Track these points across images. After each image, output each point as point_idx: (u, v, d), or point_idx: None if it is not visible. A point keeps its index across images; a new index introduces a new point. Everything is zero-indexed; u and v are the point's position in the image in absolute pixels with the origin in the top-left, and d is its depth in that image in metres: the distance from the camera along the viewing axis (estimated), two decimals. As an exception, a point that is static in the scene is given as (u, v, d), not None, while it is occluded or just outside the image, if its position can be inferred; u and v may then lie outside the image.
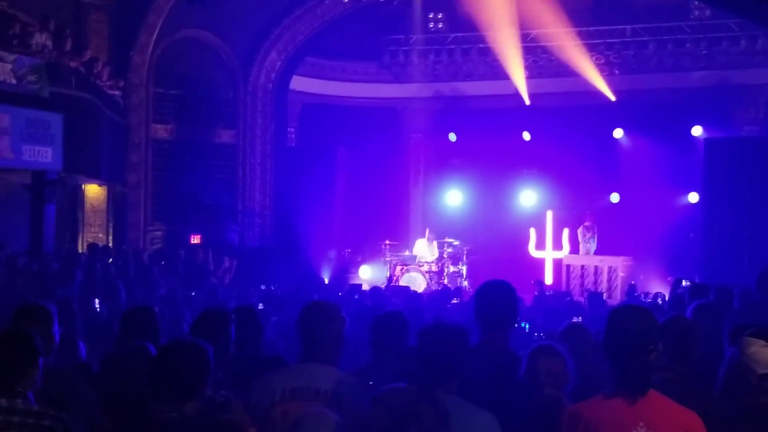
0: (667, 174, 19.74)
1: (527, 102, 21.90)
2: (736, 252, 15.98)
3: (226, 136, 21.67)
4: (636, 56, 21.91)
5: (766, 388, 3.59)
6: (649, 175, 19.77)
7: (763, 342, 3.64)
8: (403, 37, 23.46)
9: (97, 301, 9.68)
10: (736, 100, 21.55)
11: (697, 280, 12.67)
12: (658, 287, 16.45)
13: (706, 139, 18.66)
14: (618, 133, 21.34)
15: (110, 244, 18.42)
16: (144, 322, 5.38)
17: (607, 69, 21.81)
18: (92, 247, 16.48)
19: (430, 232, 20.62)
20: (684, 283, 11.05)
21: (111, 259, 15.34)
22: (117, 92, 18.97)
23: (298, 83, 23.35)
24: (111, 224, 19.40)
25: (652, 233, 19.35)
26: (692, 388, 4.16)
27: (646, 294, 13.88)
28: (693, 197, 19.90)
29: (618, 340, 3.56)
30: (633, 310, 3.72)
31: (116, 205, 19.54)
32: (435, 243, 20.25)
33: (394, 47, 23.53)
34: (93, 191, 19.12)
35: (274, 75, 22.19)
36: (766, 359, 3.62)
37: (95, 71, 17.84)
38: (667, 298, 11.55)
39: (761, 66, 20.91)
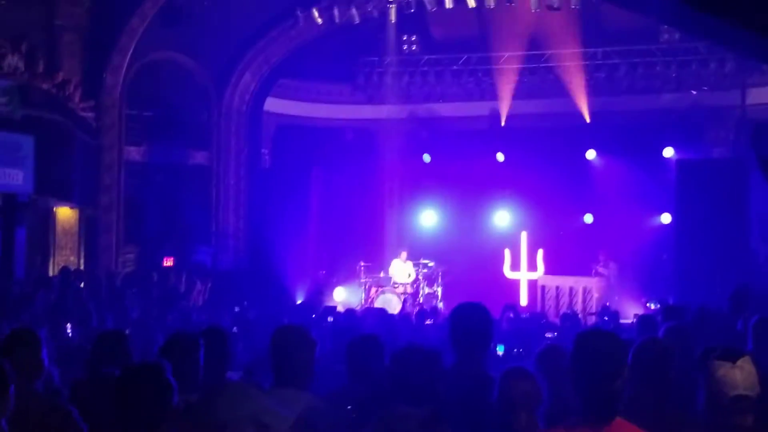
0: (640, 195, 19.83)
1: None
2: (709, 272, 16.05)
3: (199, 157, 21.57)
4: (607, 78, 22.07)
5: (738, 409, 3.58)
6: (621, 196, 19.86)
7: (729, 364, 3.63)
8: (377, 58, 23.47)
9: (69, 325, 9.58)
10: (707, 121, 21.75)
11: (670, 302, 12.70)
12: (631, 308, 16.50)
13: (677, 161, 18.77)
14: (591, 154, 21.46)
15: (82, 267, 18.24)
16: (115, 347, 5.33)
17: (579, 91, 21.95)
18: (64, 270, 16.32)
19: (405, 252, 20.64)
20: (652, 306, 11.02)
21: (83, 283, 15.20)
22: (89, 114, 18.84)
23: (273, 105, 23.33)
24: (83, 247, 19.19)
25: (626, 254, 19.45)
26: (666, 412, 4.14)
27: (613, 315, 13.81)
28: (665, 218, 19.98)
29: (583, 367, 3.43)
30: (599, 335, 3.59)
31: (88, 227, 19.35)
32: (410, 263, 20.26)
33: (369, 69, 23.53)
34: (64, 214, 18.92)
35: (248, 97, 22.17)
36: (735, 381, 3.60)
37: (67, 93, 17.74)
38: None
39: (730, 88, 21.13)
